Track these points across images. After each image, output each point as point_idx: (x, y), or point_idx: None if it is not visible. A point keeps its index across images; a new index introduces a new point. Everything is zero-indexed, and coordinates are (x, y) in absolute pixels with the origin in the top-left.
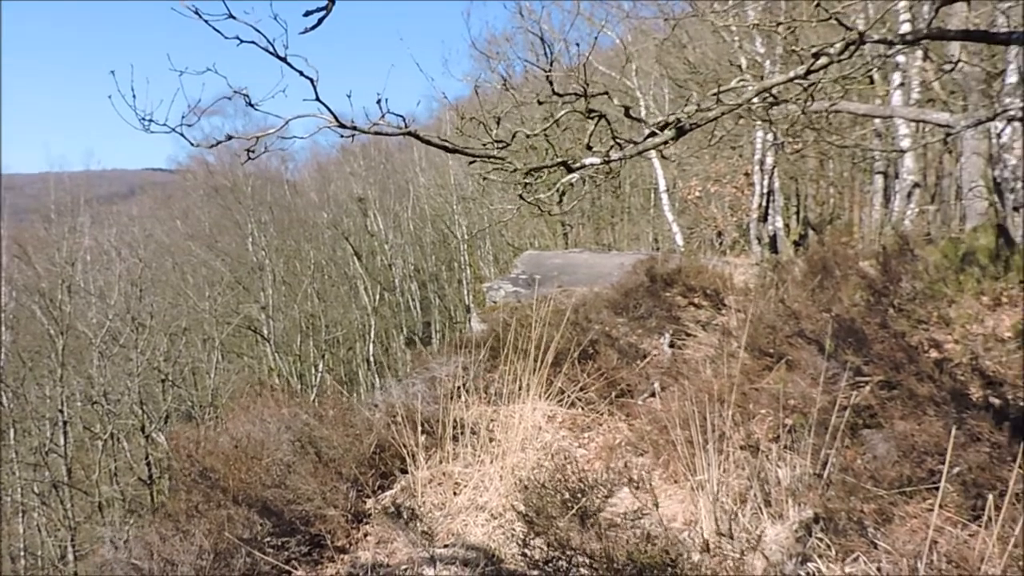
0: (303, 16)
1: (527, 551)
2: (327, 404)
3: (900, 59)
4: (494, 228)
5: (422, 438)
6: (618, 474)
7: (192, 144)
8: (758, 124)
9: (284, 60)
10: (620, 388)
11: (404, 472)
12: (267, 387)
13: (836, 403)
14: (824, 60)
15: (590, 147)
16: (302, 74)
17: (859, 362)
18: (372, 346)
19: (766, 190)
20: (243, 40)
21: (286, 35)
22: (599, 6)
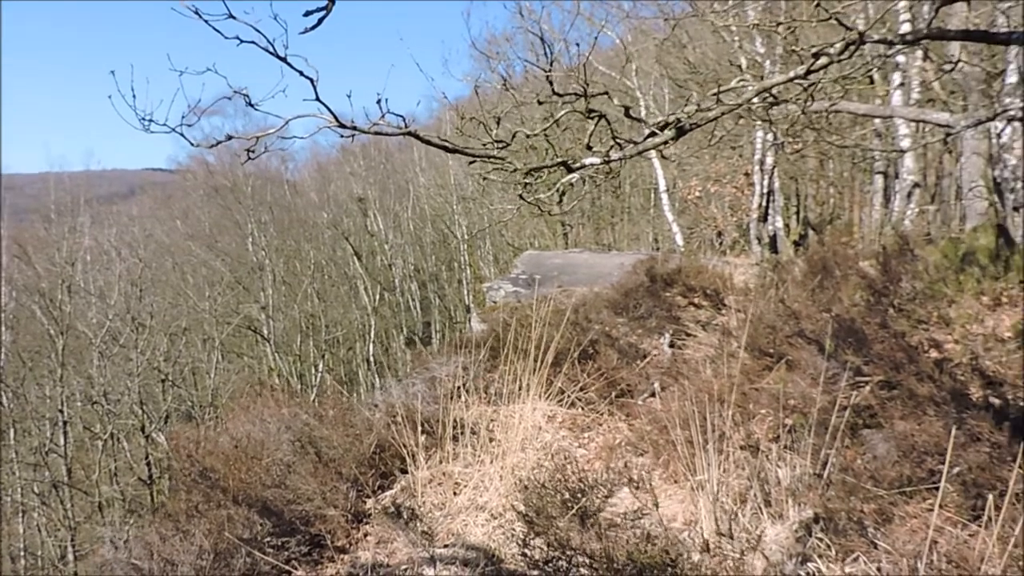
0: (303, 16)
1: (527, 551)
2: (327, 404)
3: (900, 59)
4: (494, 228)
5: (422, 438)
6: (618, 474)
7: (192, 144)
8: (758, 124)
9: (284, 60)
10: (620, 388)
11: (404, 472)
12: (267, 387)
13: (836, 403)
14: (824, 60)
15: (590, 147)
16: (302, 74)
17: (859, 362)
18: (372, 346)
19: (766, 190)
20: (243, 40)
21: (286, 35)
22: (599, 6)
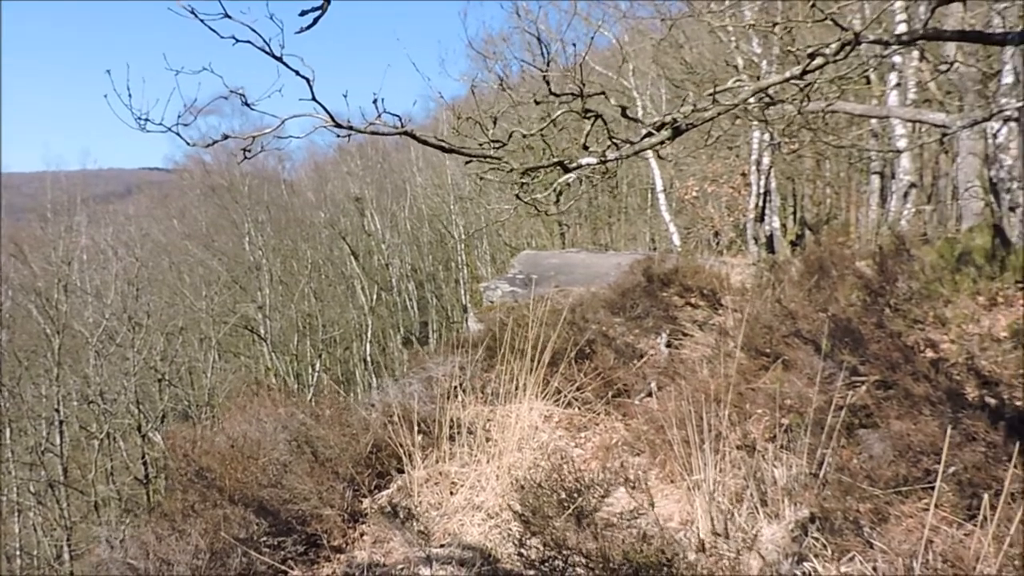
0: (299, 16)
1: (523, 551)
2: (324, 404)
3: (896, 59)
4: (491, 228)
5: (419, 438)
6: (614, 474)
7: (188, 143)
8: (755, 124)
9: (280, 60)
10: (617, 388)
11: (400, 472)
12: (264, 387)
13: (832, 403)
14: (820, 60)
15: (586, 147)
16: (298, 74)
17: (855, 362)
18: (369, 346)
19: (763, 190)
20: (239, 40)
21: (282, 35)
22: (596, 6)
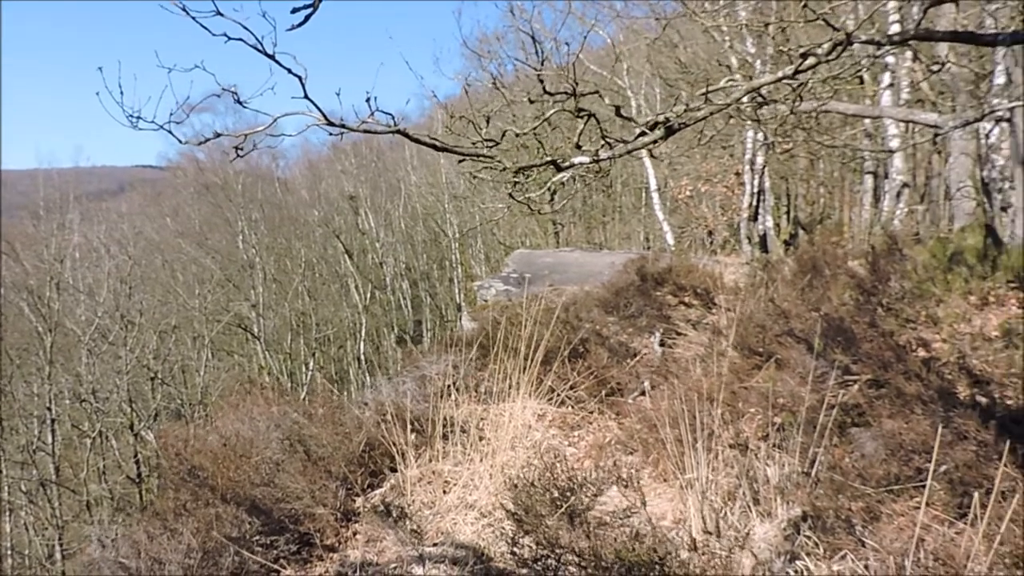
0: (290, 13)
1: (516, 549)
2: (317, 402)
3: (889, 60)
4: (485, 227)
5: (412, 436)
6: (607, 473)
7: (180, 141)
8: (748, 124)
9: (272, 58)
10: (610, 387)
11: (394, 471)
12: (257, 385)
13: (824, 402)
14: (812, 60)
15: (579, 146)
16: (291, 72)
17: (848, 361)
18: (363, 344)
19: (756, 189)
20: (231, 37)
21: (275, 33)
22: (590, 6)
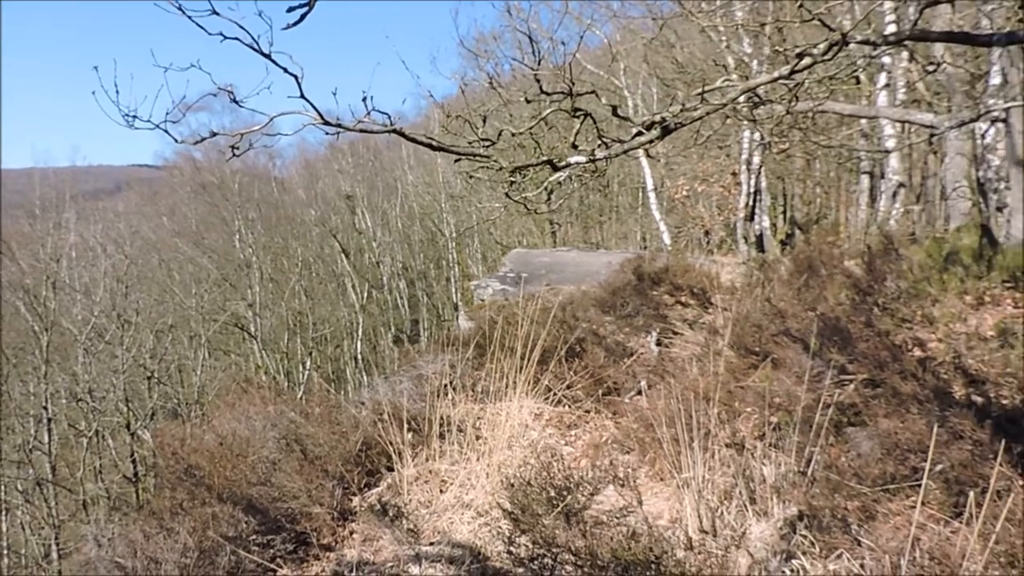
0: (286, 12)
1: (513, 549)
2: (314, 402)
3: (886, 60)
4: (482, 226)
5: (408, 436)
6: (604, 472)
7: (176, 140)
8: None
9: (268, 57)
10: (607, 386)
11: (390, 470)
12: (254, 385)
13: (821, 401)
14: (808, 60)
15: (575, 146)
16: (286, 71)
17: (844, 360)
18: (360, 344)
19: (753, 189)
20: (227, 36)
21: (271, 32)
22: (587, 6)
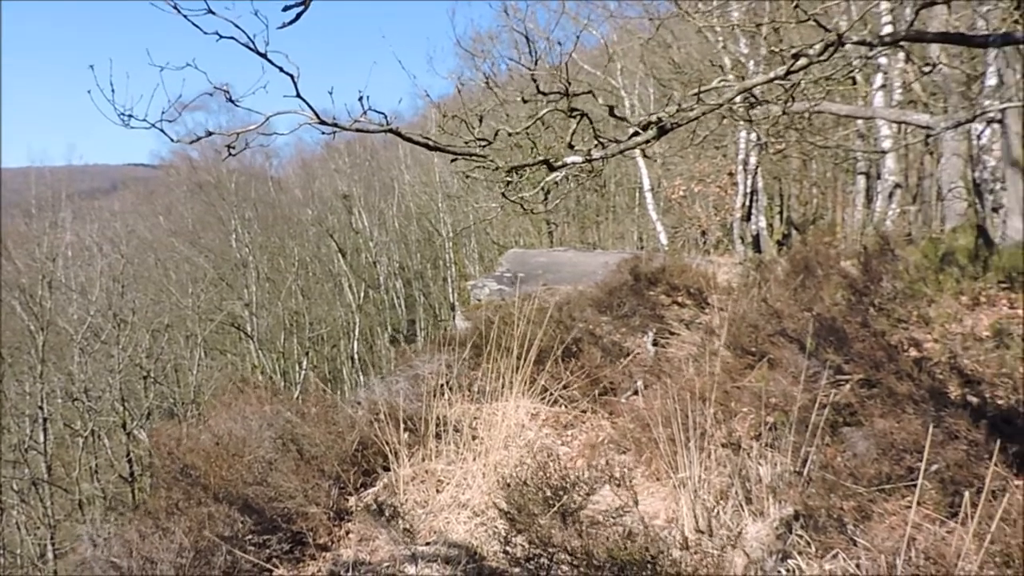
0: (282, 11)
1: (509, 548)
2: (310, 402)
3: (882, 61)
4: (479, 226)
5: (405, 436)
6: (600, 472)
7: (172, 140)
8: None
9: (264, 56)
10: (603, 386)
11: (387, 470)
12: (250, 384)
13: (817, 401)
14: (804, 61)
15: (572, 146)
16: (282, 70)
17: (840, 361)
18: (356, 344)
19: (749, 190)
20: (223, 36)
21: (267, 31)
22: (584, 6)
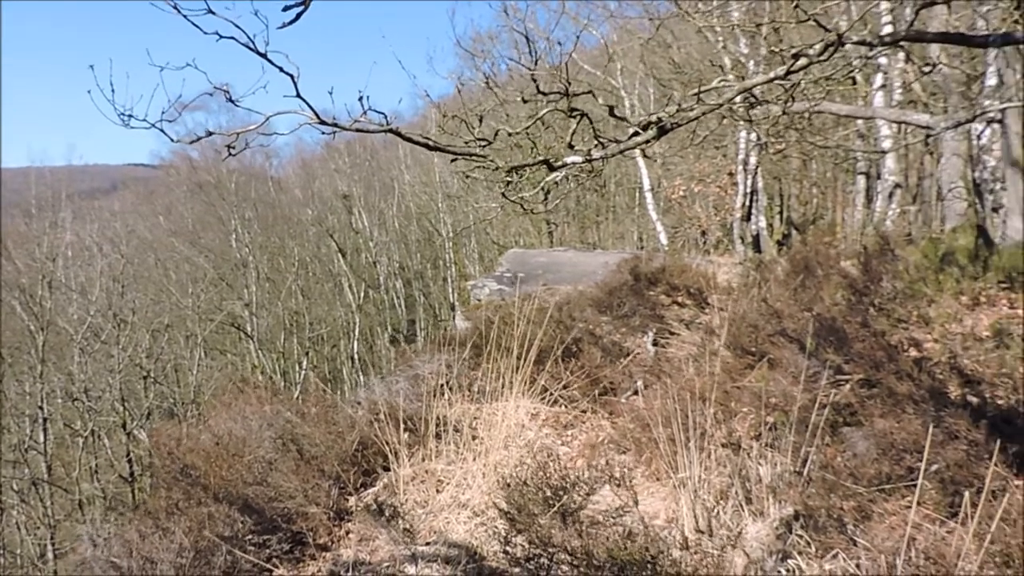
0: (282, 11)
1: (509, 548)
2: (310, 402)
3: (882, 61)
4: (479, 226)
5: (405, 436)
6: (600, 472)
7: (172, 140)
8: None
9: (264, 56)
10: (603, 386)
11: (387, 470)
12: (250, 384)
13: (817, 401)
14: (803, 61)
15: (572, 146)
16: (282, 70)
17: (840, 361)
18: (356, 344)
19: (749, 190)
20: (223, 36)
21: (267, 31)
22: (584, 6)
